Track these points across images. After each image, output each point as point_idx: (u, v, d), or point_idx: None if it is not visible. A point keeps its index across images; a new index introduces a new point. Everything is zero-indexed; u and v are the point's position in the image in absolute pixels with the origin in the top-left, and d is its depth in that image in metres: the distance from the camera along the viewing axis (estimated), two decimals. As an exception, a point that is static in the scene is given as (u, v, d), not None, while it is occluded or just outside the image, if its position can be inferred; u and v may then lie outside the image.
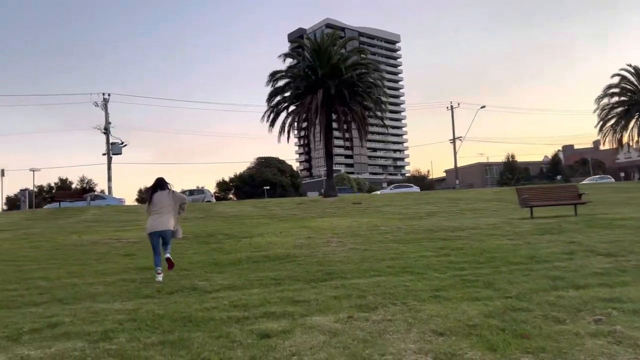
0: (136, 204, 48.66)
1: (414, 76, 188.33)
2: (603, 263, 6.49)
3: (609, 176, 53.44)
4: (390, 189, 41.14)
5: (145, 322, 4.58)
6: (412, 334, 4.07)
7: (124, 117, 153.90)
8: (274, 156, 59.28)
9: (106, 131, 40.47)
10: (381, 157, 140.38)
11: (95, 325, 4.49)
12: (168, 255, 6.82)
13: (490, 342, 3.82)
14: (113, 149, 40.20)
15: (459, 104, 55.01)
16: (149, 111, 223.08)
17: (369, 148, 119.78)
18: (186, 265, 7.65)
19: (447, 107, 54.16)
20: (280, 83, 31.04)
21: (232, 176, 58.68)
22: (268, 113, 31.08)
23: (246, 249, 8.94)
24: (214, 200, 38.11)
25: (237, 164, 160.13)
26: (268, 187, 47.66)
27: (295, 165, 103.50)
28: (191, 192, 39.75)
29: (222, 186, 56.36)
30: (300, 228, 12.11)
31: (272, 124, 30.92)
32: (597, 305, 4.58)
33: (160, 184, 7.10)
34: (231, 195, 56.82)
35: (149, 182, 7.40)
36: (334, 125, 30.83)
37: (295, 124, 29.79)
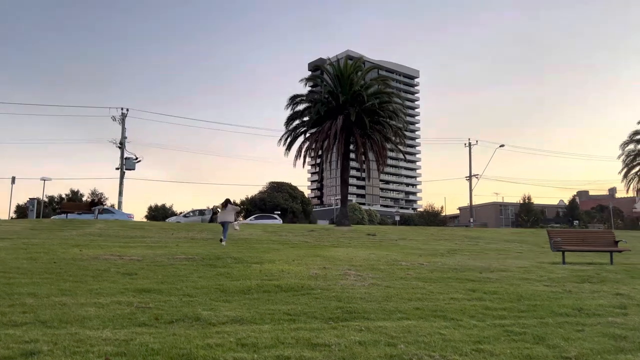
0: (144, 220, 48.21)
1: (431, 113, 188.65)
2: (667, 322, 5.63)
3: None
4: (251, 220, 38.92)
5: (136, 358, 3.85)
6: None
7: (141, 133, 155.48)
8: (286, 182, 58.80)
9: (121, 145, 40.31)
10: (393, 190, 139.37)
11: (77, 358, 3.77)
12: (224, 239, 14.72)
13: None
14: (126, 164, 39.95)
15: (477, 142, 54.12)
16: (165, 129, 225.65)
17: (381, 180, 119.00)
18: (190, 290, 6.92)
19: (465, 144, 53.45)
20: (300, 107, 30.69)
21: (244, 199, 58.18)
22: (285, 136, 30.65)
23: (256, 276, 8.19)
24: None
25: (250, 187, 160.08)
26: (279, 212, 46.94)
27: (307, 192, 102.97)
28: (201, 212, 39.20)
29: (233, 208, 55.86)
30: (313, 257, 11.34)
31: (289, 147, 30.44)
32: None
33: (227, 201, 15.99)
34: (241, 218, 56.18)
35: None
36: (351, 153, 30.27)
37: (312, 149, 29.24)
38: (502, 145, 53.76)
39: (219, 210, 16.46)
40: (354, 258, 11.26)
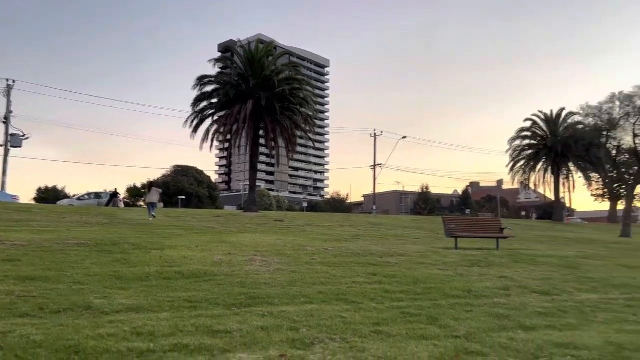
0: (33, 202, 44.29)
1: (340, 103, 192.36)
2: (541, 302, 6.23)
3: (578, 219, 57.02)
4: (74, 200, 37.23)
5: (15, 351, 3.51)
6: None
7: (33, 108, 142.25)
8: (192, 166, 56.89)
9: (6, 120, 36.64)
10: (302, 177, 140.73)
11: (-59, 355, 3.35)
12: (154, 214, 17.14)
13: (451, 395, 3.22)
14: (12, 141, 36.42)
15: (382, 132, 56.21)
16: (64, 107, 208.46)
17: (291, 167, 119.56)
18: (81, 277, 6.44)
19: (371, 134, 55.28)
20: (208, 89, 29.65)
21: (145, 182, 55.43)
22: (192, 118, 29.52)
23: (156, 263, 7.83)
24: (122, 205, 35.46)
25: (152, 170, 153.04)
26: (183, 197, 45.33)
27: (214, 177, 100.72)
28: (97, 195, 36.86)
29: (133, 192, 52.78)
30: (218, 243, 11.10)
31: (196, 130, 29.39)
32: (554, 351, 4.16)
33: (151, 184, 19.21)
34: (141, 203, 53.57)
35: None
36: (261, 139, 29.97)
37: (220, 132, 28.50)
38: (404, 137, 56.34)
39: (146, 192, 19.18)
40: (260, 244, 11.19)
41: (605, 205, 53.54)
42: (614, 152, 34.80)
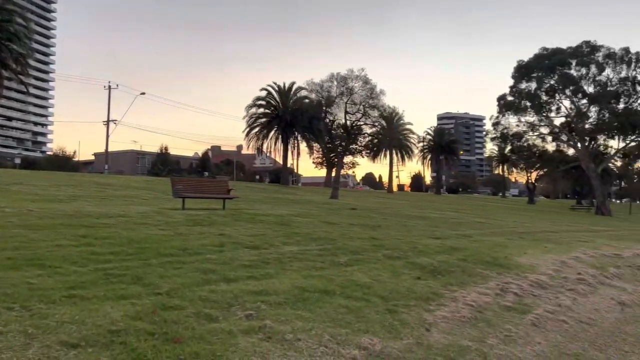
0: None
1: (72, 51, 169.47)
2: (250, 255, 6.72)
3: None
4: None
5: None
6: (32, 349, 3.05)
7: None
8: None
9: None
10: (17, 129, 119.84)
11: None
12: None
13: (137, 351, 3.18)
14: None
15: (117, 85, 51.97)
16: None
17: (0, 115, 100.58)
18: None
19: (105, 86, 50.58)
20: None
21: None
22: None
23: None
24: None
25: None
26: None
27: None
28: None
29: None
30: None
31: None
32: (247, 299, 4.54)
33: None
34: None
35: None
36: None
37: None
38: (143, 93, 53.79)
39: None
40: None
41: (324, 172, 61.70)
42: (332, 125, 40.15)
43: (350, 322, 4.25)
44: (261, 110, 46.61)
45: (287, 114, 43.91)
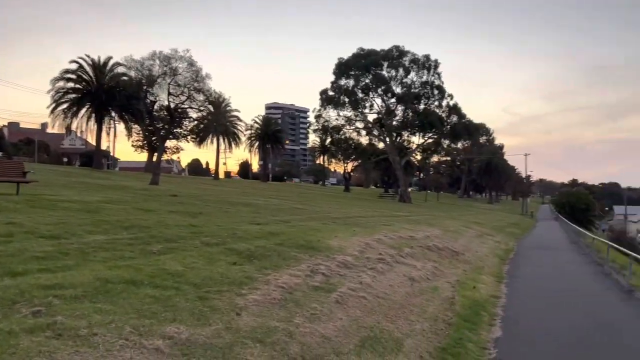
0: None
1: None
2: (45, 246, 5.98)
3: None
4: None
5: None
6: None
7: None
8: None
9: None
10: None
11: None
12: None
13: None
14: None
15: None
16: None
17: None
18: None
19: None
20: None
21: None
22: None
23: None
24: None
25: None
26: None
27: None
28: None
29: None
30: None
31: None
32: (37, 294, 4.04)
33: None
34: None
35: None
36: None
37: None
38: None
39: None
40: None
41: (144, 156, 58.00)
42: (153, 107, 37.93)
43: (156, 312, 4.07)
44: (70, 84, 41.62)
45: (101, 91, 40.02)
